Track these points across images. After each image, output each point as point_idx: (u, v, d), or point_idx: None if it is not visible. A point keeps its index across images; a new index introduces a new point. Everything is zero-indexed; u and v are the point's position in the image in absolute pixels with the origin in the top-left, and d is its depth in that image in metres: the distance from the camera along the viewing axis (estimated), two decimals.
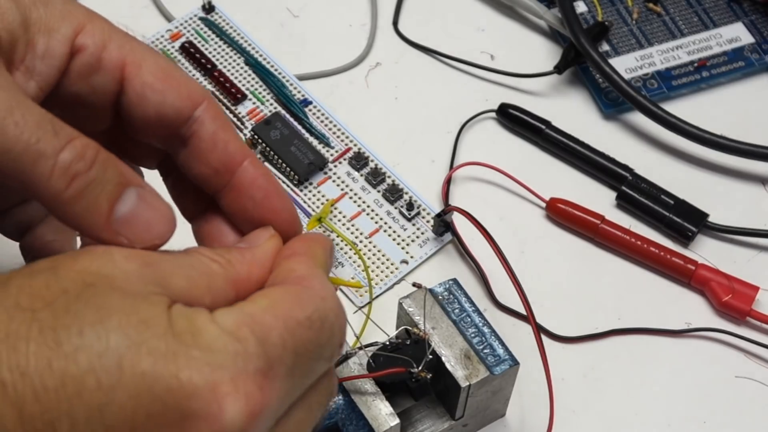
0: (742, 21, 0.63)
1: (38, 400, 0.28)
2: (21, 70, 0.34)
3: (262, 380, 0.30)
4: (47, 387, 0.28)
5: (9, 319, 0.29)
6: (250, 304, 0.32)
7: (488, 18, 0.64)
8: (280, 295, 0.33)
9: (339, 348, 0.34)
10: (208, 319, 0.31)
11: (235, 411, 0.30)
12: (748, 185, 0.58)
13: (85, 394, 0.28)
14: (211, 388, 0.29)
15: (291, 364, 0.32)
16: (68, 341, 0.29)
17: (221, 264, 0.34)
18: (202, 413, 0.29)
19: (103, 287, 0.30)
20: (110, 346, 0.29)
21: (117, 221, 0.33)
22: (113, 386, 0.29)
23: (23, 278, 0.30)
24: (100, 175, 0.32)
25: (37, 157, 0.31)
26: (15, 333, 0.29)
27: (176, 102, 0.36)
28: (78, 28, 0.35)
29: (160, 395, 0.29)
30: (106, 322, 0.29)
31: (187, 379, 0.29)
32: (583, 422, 0.50)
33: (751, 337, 0.52)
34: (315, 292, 0.33)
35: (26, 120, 0.31)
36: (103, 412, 0.29)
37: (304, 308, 0.32)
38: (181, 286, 0.32)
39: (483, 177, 0.58)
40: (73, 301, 0.29)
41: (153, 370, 0.29)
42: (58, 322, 0.29)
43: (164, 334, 0.30)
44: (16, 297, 0.30)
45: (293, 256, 0.35)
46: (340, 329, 0.34)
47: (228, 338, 0.30)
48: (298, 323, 0.32)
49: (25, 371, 0.28)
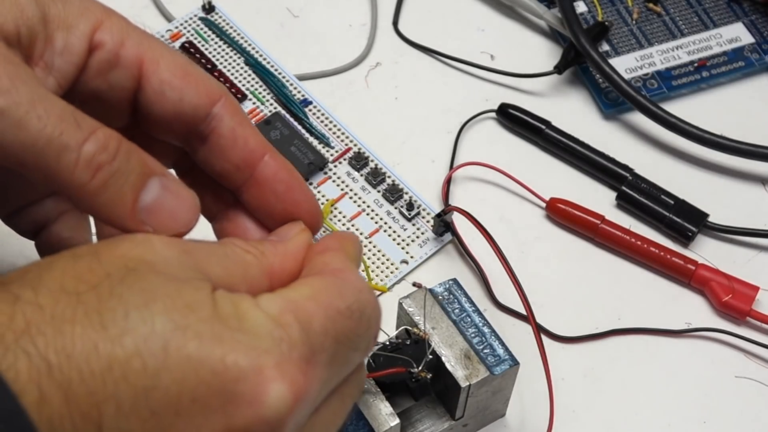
0: (742, 21, 0.63)
1: (84, 382, 0.28)
2: (40, 66, 0.34)
3: (305, 366, 0.31)
4: (93, 370, 0.28)
5: (54, 301, 0.29)
6: (293, 291, 0.33)
7: (488, 18, 0.64)
8: (321, 284, 0.33)
9: (374, 340, 0.35)
10: (253, 305, 0.31)
11: (278, 395, 0.30)
12: (748, 185, 0.58)
13: (131, 377, 0.28)
14: (257, 371, 0.30)
15: (332, 353, 0.32)
16: (114, 324, 0.29)
17: (255, 255, 0.34)
18: (246, 397, 0.29)
19: (146, 272, 0.30)
20: (156, 330, 0.29)
21: (142, 210, 0.33)
22: (158, 369, 0.29)
23: (66, 261, 0.30)
24: (123, 166, 0.32)
25: (61, 149, 0.31)
26: (60, 315, 0.29)
27: (194, 99, 0.36)
28: (96, 24, 0.35)
29: (205, 378, 0.29)
30: (151, 305, 0.29)
31: (232, 363, 0.29)
32: (583, 422, 0.50)
33: (751, 337, 0.52)
34: (353, 284, 0.34)
35: (49, 113, 0.31)
36: (148, 394, 0.29)
37: (345, 298, 0.33)
38: (218, 273, 0.32)
39: (483, 177, 0.58)
40: (117, 284, 0.30)
41: (198, 353, 0.29)
42: (103, 305, 0.29)
43: (209, 318, 0.30)
44: (61, 280, 0.30)
45: (327, 251, 0.35)
46: (377, 321, 0.34)
47: (273, 324, 0.31)
48: (339, 312, 0.32)
49: (71, 354, 0.28)
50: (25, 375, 0.28)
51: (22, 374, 0.28)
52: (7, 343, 0.28)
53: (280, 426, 0.30)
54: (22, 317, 0.29)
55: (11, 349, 0.28)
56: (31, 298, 0.29)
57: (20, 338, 0.28)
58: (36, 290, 0.29)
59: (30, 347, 0.28)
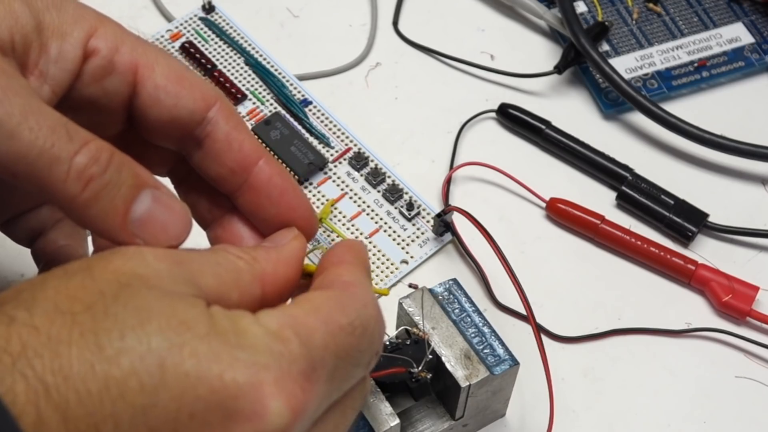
0: (742, 21, 0.63)
1: (81, 402, 0.28)
2: (35, 74, 0.34)
3: (304, 382, 0.31)
4: (90, 390, 0.28)
5: (50, 322, 0.29)
6: (293, 306, 0.33)
7: (488, 18, 0.64)
8: (323, 299, 0.33)
9: (376, 356, 0.35)
10: (252, 320, 0.31)
11: (278, 411, 0.30)
12: (748, 185, 0.58)
13: (128, 396, 0.28)
14: (256, 387, 0.30)
15: (332, 368, 0.32)
16: (110, 345, 0.29)
17: (247, 261, 0.34)
18: (246, 413, 0.29)
19: (139, 287, 0.30)
20: (152, 348, 0.29)
21: (133, 223, 0.33)
22: (156, 387, 0.29)
23: (59, 280, 0.30)
24: (115, 178, 0.32)
25: (52, 161, 0.31)
26: (56, 337, 0.29)
27: (190, 104, 0.36)
28: (90, 31, 0.35)
29: (203, 395, 0.29)
30: (147, 325, 0.29)
31: (230, 379, 0.29)
32: (583, 422, 0.50)
33: (751, 337, 0.52)
34: (358, 299, 0.34)
35: (41, 125, 0.31)
36: (146, 413, 0.29)
37: (347, 314, 0.33)
38: (209, 283, 0.32)
39: (483, 177, 0.58)
40: (111, 303, 0.30)
41: (196, 370, 0.29)
42: (98, 326, 0.29)
43: (206, 335, 0.30)
44: (55, 299, 0.30)
45: (342, 263, 0.35)
46: (380, 337, 0.34)
47: (271, 339, 0.31)
48: (340, 328, 0.32)
49: (68, 375, 0.28)
50: (22, 397, 0.28)
51: (19, 396, 0.28)
52: (4, 365, 0.28)
53: None
54: (18, 339, 0.28)
55: (9, 372, 0.28)
56: (26, 319, 0.29)
57: (17, 361, 0.28)
58: (30, 311, 0.29)
59: (27, 369, 0.28)
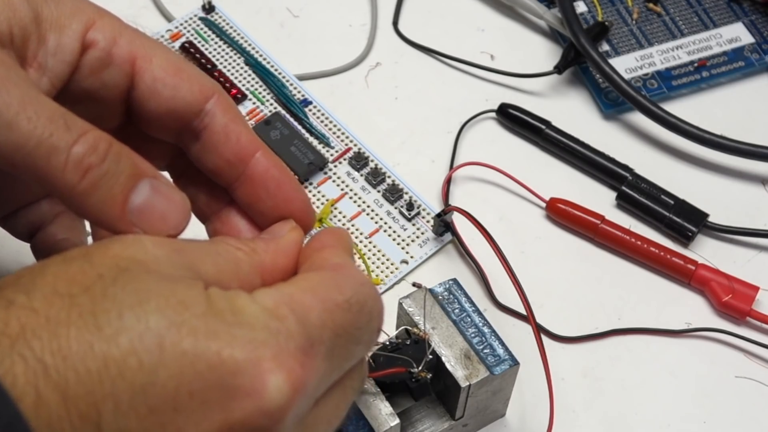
0: (742, 21, 0.63)
1: (81, 382, 0.28)
2: (34, 66, 0.34)
3: (303, 357, 0.31)
4: (90, 369, 0.28)
5: (48, 304, 0.29)
6: (289, 285, 0.33)
7: (488, 18, 0.64)
8: (319, 278, 0.33)
9: (376, 333, 0.35)
10: (248, 299, 0.31)
11: (277, 387, 0.30)
12: (748, 185, 0.58)
13: (128, 375, 0.29)
14: (254, 364, 0.30)
15: (331, 345, 0.32)
16: (108, 325, 0.29)
17: (246, 252, 0.34)
18: (245, 389, 0.30)
19: (138, 271, 0.30)
20: (150, 327, 0.29)
21: (132, 212, 0.33)
22: (155, 366, 0.29)
23: (58, 265, 0.31)
24: (113, 167, 0.32)
25: (51, 151, 0.32)
26: (55, 318, 0.29)
27: (187, 95, 0.36)
28: (88, 23, 0.35)
29: (202, 373, 0.29)
30: (145, 304, 0.29)
31: (229, 356, 0.29)
32: (583, 422, 0.50)
33: (751, 337, 0.52)
34: (353, 277, 0.34)
35: (39, 115, 0.32)
36: (146, 391, 0.29)
37: (343, 291, 0.33)
38: (209, 271, 0.32)
39: (483, 177, 0.58)
40: (109, 285, 0.30)
41: (194, 348, 0.29)
42: (96, 307, 0.29)
43: (204, 314, 0.30)
44: (54, 283, 0.30)
45: (324, 248, 0.36)
46: (379, 314, 0.34)
47: (268, 316, 0.31)
48: (337, 305, 0.32)
49: (67, 355, 0.28)
50: (22, 378, 0.28)
51: (19, 378, 0.28)
52: (3, 348, 0.28)
53: (280, 417, 0.30)
54: (17, 321, 0.29)
55: (8, 354, 0.28)
56: (24, 302, 0.29)
57: (16, 342, 0.28)
58: (29, 294, 0.29)
59: (26, 351, 0.28)
